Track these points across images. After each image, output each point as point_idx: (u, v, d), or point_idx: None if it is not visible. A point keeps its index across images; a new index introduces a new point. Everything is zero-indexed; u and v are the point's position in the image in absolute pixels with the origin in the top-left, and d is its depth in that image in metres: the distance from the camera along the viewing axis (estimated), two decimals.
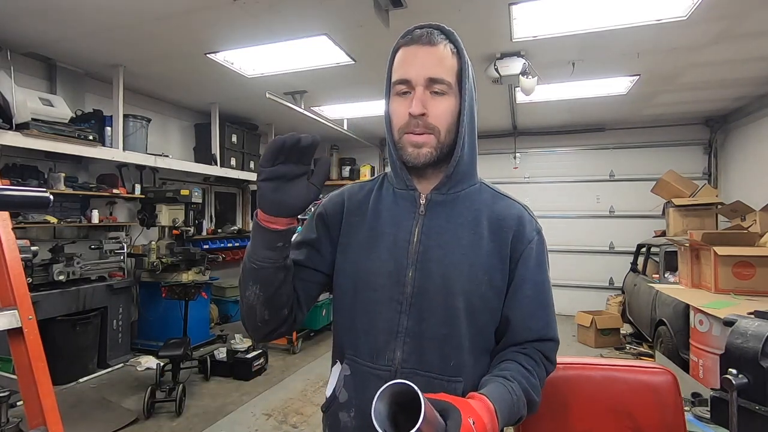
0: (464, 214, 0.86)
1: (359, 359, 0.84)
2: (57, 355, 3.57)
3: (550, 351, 0.87)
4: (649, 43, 3.56)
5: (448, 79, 0.82)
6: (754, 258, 3.43)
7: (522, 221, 0.87)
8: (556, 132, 6.76)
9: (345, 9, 2.99)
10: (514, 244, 0.85)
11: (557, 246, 6.80)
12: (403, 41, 0.85)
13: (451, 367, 0.80)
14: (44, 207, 1.10)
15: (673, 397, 1.12)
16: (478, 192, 0.90)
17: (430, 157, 0.83)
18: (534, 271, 0.85)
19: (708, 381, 2.97)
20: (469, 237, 0.84)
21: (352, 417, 0.83)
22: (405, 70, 0.83)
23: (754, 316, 1.21)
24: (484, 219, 0.86)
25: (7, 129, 3.28)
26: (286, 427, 3.14)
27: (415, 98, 0.80)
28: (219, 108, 5.54)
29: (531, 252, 0.85)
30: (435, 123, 0.82)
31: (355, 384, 0.84)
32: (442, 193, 0.87)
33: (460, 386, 0.80)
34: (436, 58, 0.82)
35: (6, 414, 1.21)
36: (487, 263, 0.83)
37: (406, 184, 0.88)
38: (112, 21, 3.19)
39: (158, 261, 4.04)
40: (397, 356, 0.81)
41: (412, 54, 0.83)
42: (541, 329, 0.85)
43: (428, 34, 0.82)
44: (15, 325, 1.14)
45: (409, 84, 0.82)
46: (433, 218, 0.86)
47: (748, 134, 5.41)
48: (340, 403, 0.85)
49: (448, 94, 0.82)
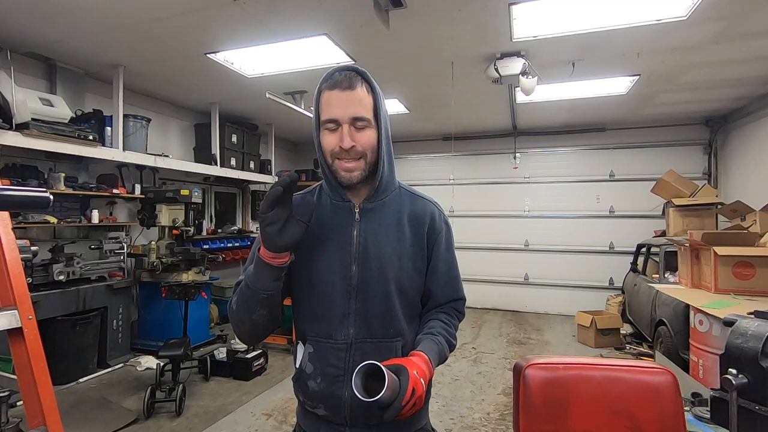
0: (390, 216, 1.09)
1: (320, 338, 1.05)
2: (57, 355, 3.57)
3: (461, 306, 1.18)
4: (649, 43, 3.56)
5: (368, 116, 1.00)
6: (754, 258, 3.43)
7: (434, 216, 1.13)
8: (556, 132, 6.76)
9: (345, 9, 3.00)
10: (429, 234, 1.11)
11: (557, 246, 6.81)
12: (326, 85, 1.01)
13: (391, 332, 1.05)
14: (44, 207, 1.10)
15: (673, 397, 1.12)
16: (398, 196, 1.13)
17: (360, 177, 1.03)
18: (444, 252, 1.13)
19: (708, 381, 2.97)
20: (396, 235, 1.08)
21: (318, 383, 1.03)
22: (332, 112, 0.99)
23: (754, 316, 1.21)
24: (405, 218, 1.10)
25: (7, 129, 3.28)
26: (286, 427, 3.13)
27: (344, 135, 0.98)
28: (219, 108, 5.54)
29: (441, 239, 1.13)
30: (363, 149, 1.01)
31: (318, 357, 1.04)
32: (371, 202, 1.08)
33: (399, 344, 1.05)
34: (355, 100, 0.99)
35: (6, 414, 1.21)
36: (411, 253, 1.08)
37: (342, 198, 1.08)
38: (112, 21, 3.20)
39: (158, 261, 4.03)
40: (350, 332, 1.03)
41: (336, 98, 0.99)
42: (453, 293, 1.15)
43: (348, 78, 1.00)
44: (15, 325, 1.14)
45: (337, 122, 0.99)
46: (367, 223, 1.07)
47: (748, 134, 5.41)
48: (307, 374, 1.05)
49: (370, 126, 1.01)
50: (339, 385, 1.02)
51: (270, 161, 6.77)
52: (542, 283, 6.86)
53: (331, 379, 1.02)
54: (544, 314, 6.76)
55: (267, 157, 6.78)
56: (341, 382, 1.02)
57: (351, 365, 1.00)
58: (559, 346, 5.06)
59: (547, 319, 6.48)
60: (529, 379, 1.17)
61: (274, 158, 6.86)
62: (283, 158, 7.91)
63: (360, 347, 1.02)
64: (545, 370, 1.18)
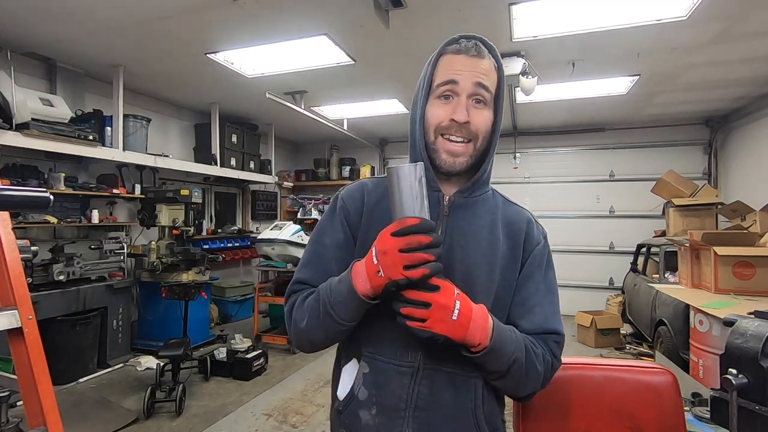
0: (482, 217, 0.91)
1: (381, 357, 0.85)
2: (57, 355, 3.57)
3: (555, 344, 0.89)
4: (649, 43, 3.55)
5: (491, 91, 0.86)
6: (754, 258, 3.43)
7: (531, 226, 0.94)
8: (556, 132, 6.76)
9: (345, 9, 2.99)
10: (525, 245, 0.92)
11: (557, 246, 6.78)
12: (450, 48, 0.87)
13: (470, 364, 0.82)
14: (44, 207, 1.10)
15: (673, 397, 1.12)
16: (492, 198, 0.96)
17: (465, 166, 0.88)
18: (538, 269, 0.92)
19: (708, 381, 2.96)
20: (488, 239, 0.89)
21: (374, 414, 0.83)
22: (453, 72, 0.85)
23: (754, 316, 1.21)
24: (499, 222, 0.92)
25: (7, 129, 3.28)
26: (286, 427, 3.13)
27: (460, 105, 0.84)
28: (219, 108, 5.54)
29: (538, 253, 0.92)
30: (476, 130, 0.86)
31: (375, 381, 0.85)
32: (464, 197, 0.92)
33: (480, 382, 0.85)
34: (483, 69, 0.85)
35: (6, 414, 1.21)
36: (503, 264, 0.89)
37: (431, 185, 0.88)
38: (112, 21, 3.20)
39: (158, 261, 4.03)
40: (419, 354, 0.83)
41: (461, 62, 0.85)
42: (543, 322, 0.89)
43: (476, 46, 0.86)
44: (15, 325, 1.14)
45: (455, 87, 0.84)
46: (455, 220, 0.90)
47: (748, 134, 5.41)
48: (359, 401, 0.85)
49: (488, 105, 0.87)
50: (399, 422, 0.82)
51: (270, 161, 6.77)
52: None
53: (390, 413, 0.82)
54: None
55: (267, 157, 6.78)
56: (402, 418, 0.82)
57: (415, 397, 0.82)
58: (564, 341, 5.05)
59: None
60: None
61: (274, 158, 6.86)
62: (283, 158, 7.90)
63: (429, 376, 0.83)
64: None
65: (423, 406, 0.83)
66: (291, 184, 7.68)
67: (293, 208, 7.22)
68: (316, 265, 0.92)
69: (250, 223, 7.07)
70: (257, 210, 7.13)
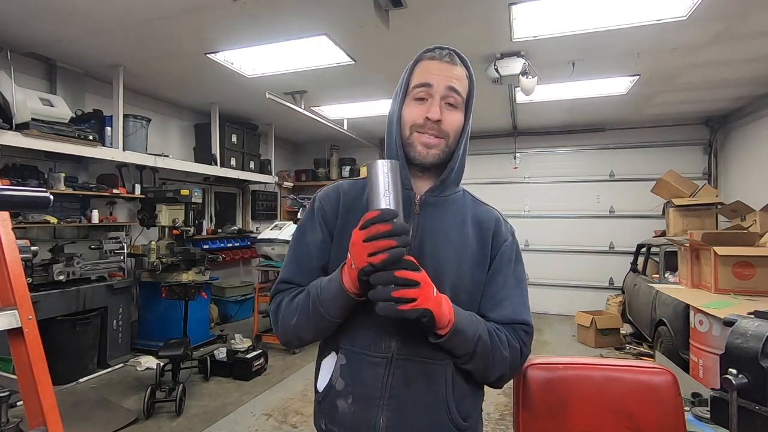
0: (453, 215, 0.97)
1: (356, 348, 0.90)
2: (57, 355, 3.57)
3: (524, 333, 0.94)
4: (649, 43, 3.56)
5: (462, 95, 0.93)
6: (754, 258, 3.43)
7: (499, 223, 1.00)
8: (556, 132, 6.76)
9: (345, 9, 2.99)
10: (493, 241, 0.97)
11: (557, 246, 6.81)
12: (426, 56, 0.95)
13: (440, 352, 0.86)
14: (44, 207, 1.10)
15: (673, 397, 1.12)
16: (462, 197, 1.02)
17: (437, 158, 0.93)
18: (507, 264, 0.97)
19: (708, 381, 2.96)
20: (458, 236, 0.95)
21: (350, 403, 0.89)
22: (428, 76, 0.92)
23: (754, 316, 1.21)
24: (469, 221, 0.97)
25: (7, 129, 3.28)
26: (286, 427, 3.14)
27: (434, 105, 0.90)
28: (219, 108, 5.54)
29: (506, 249, 0.98)
30: (447, 130, 0.92)
31: (351, 371, 0.90)
32: (434, 195, 0.97)
33: (449, 369, 0.89)
34: (456, 74, 0.93)
35: (6, 414, 1.21)
36: (472, 260, 0.94)
37: (404, 184, 0.90)
38: (112, 21, 3.19)
39: (158, 261, 4.03)
40: (392, 345, 0.88)
41: (436, 66, 0.92)
42: (511, 313, 0.93)
43: (450, 55, 0.93)
44: (15, 325, 1.14)
45: (429, 89, 0.91)
46: (426, 217, 0.95)
47: (748, 134, 5.41)
48: (337, 391, 0.91)
49: (459, 109, 0.94)
50: (374, 410, 0.86)
51: (270, 161, 6.77)
52: (542, 283, 6.85)
53: (365, 402, 0.87)
54: (544, 314, 6.75)
55: (267, 157, 6.78)
56: (377, 407, 0.86)
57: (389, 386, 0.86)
58: (558, 346, 5.05)
59: (546, 319, 6.48)
60: (529, 379, 1.17)
61: (274, 158, 6.86)
62: (283, 158, 7.90)
63: (402, 365, 0.87)
64: (545, 370, 1.18)
65: (396, 395, 0.87)
66: (291, 184, 7.68)
67: (293, 208, 7.23)
68: (299, 264, 0.98)
69: (250, 223, 7.07)
70: (257, 210, 7.13)
